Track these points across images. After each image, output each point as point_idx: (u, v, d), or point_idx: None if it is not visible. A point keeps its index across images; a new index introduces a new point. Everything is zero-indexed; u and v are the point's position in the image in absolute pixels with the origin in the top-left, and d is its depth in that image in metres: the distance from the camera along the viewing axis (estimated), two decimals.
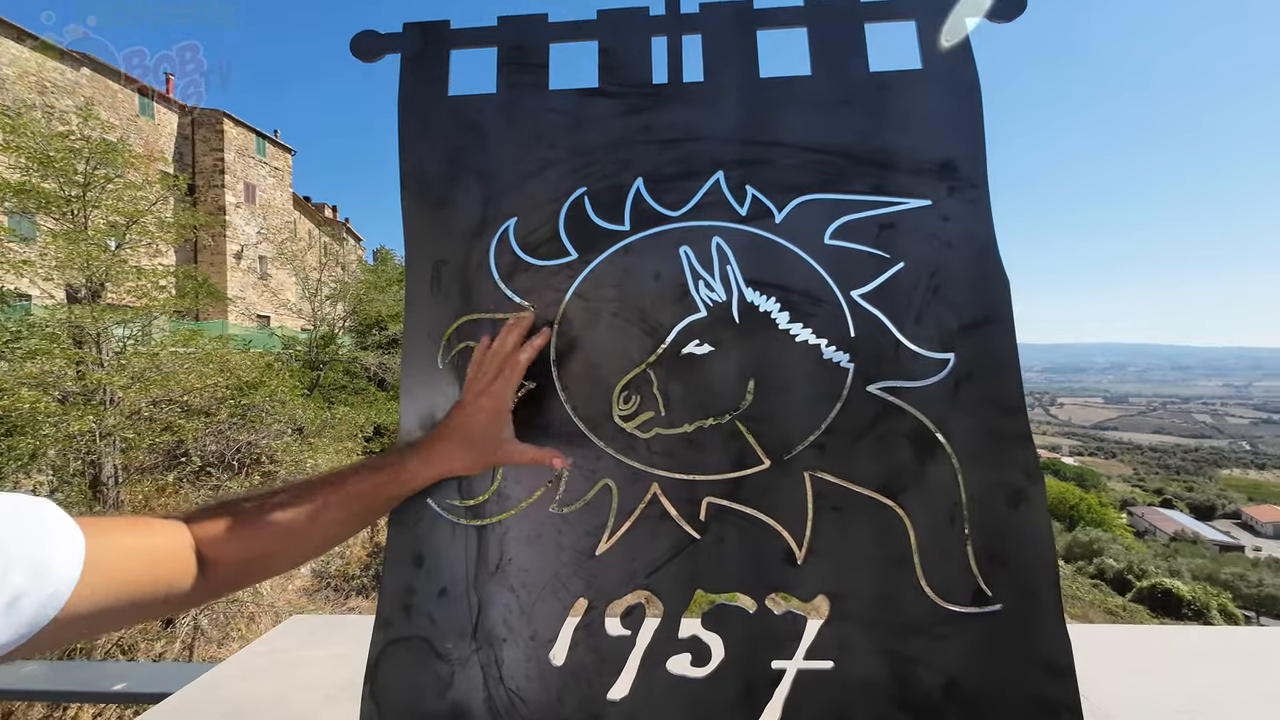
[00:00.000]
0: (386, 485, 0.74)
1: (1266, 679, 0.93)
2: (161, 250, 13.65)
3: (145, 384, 9.95)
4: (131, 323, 10.62)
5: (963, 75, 0.81)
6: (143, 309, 10.92)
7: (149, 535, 0.58)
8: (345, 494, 0.71)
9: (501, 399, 0.76)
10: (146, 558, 0.56)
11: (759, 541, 0.79)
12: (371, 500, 0.73)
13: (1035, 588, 0.76)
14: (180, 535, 0.61)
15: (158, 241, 12.12)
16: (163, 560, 0.58)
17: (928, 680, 0.76)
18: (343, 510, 0.71)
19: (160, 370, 10.28)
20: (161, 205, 12.50)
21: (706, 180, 0.82)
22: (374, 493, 0.73)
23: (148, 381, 10.01)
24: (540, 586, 0.81)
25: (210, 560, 0.62)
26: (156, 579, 0.56)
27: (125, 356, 10.15)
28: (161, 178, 13.91)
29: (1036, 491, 0.77)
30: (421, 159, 0.87)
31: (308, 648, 1.17)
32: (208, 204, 22.82)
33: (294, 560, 0.70)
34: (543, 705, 0.79)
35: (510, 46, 0.87)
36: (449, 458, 0.76)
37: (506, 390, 0.77)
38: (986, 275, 0.79)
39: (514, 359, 0.77)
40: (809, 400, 0.79)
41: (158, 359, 10.36)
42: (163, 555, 0.58)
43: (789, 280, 0.80)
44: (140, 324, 10.93)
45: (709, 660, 0.79)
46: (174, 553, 0.59)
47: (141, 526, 0.59)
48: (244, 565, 0.65)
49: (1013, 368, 0.78)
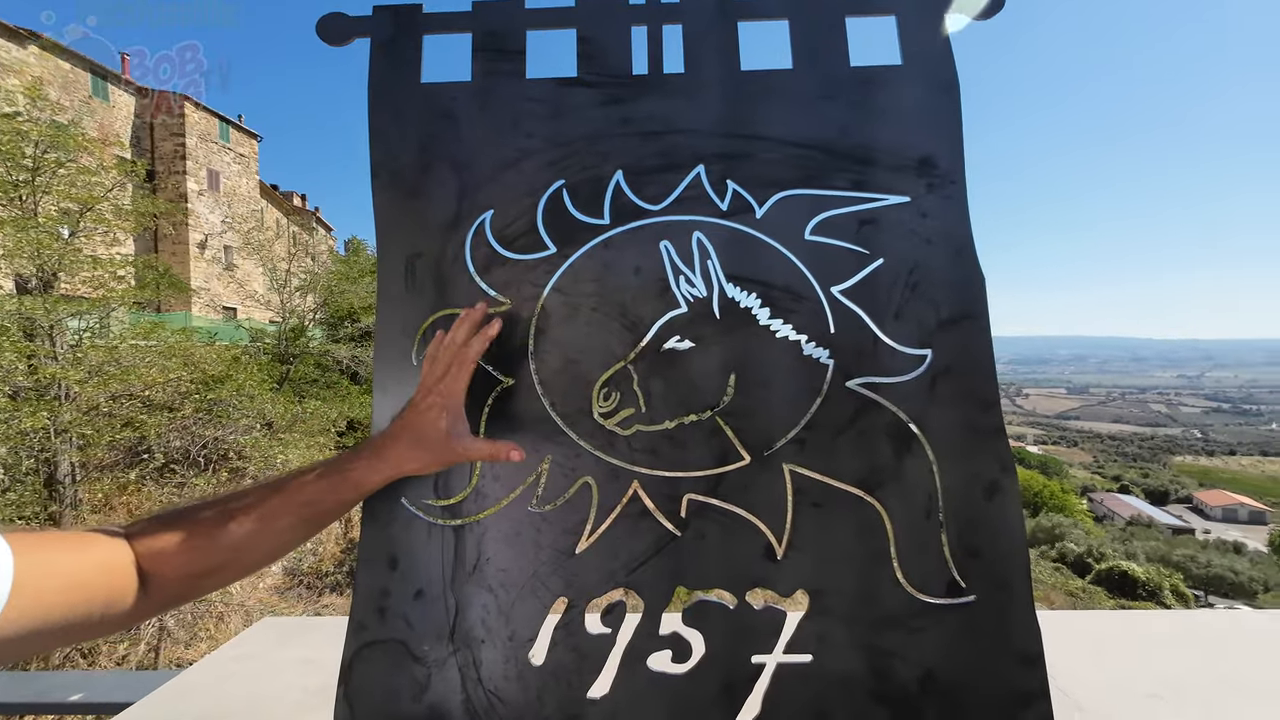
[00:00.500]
0: (335, 490, 0.71)
1: (1225, 662, 0.98)
2: (119, 239, 13.06)
3: (104, 378, 9.55)
4: (88, 314, 10.17)
5: (942, 72, 0.81)
6: (100, 300, 10.47)
7: (85, 552, 0.55)
8: (293, 501, 0.68)
9: (453, 395, 0.74)
10: (81, 576, 0.53)
11: (739, 537, 0.79)
12: (321, 506, 0.70)
13: (1008, 578, 0.78)
14: (119, 551, 0.57)
15: (115, 230, 11.60)
16: (99, 578, 0.54)
17: (904, 673, 0.77)
18: (291, 517, 0.68)
19: (120, 364, 9.88)
20: (119, 192, 11.97)
21: (687, 174, 0.81)
22: (323, 498, 0.70)
23: (106, 376, 9.61)
24: (519, 586, 0.80)
25: (153, 575, 0.59)
26: (91, 598, 0.53)
27: (81, 350, 9.72)
28: (118, 163, 13.29)
29: (1010, 483, 0.79)
30: (393, 148, 0.84)
31: (279, 651, 1.14)
32: (168, 191, 21.92)
33: (243, 571, 0.67)
34: (522, 706, 0.79)
35: (486, 32, 0.85)
36: (400, 458, 0.73)
37: (458, 386, 0.74)
38: (964, 272, 0.79)
39: (464, 353, 0.75)
40: (789, 396, 0.79)
41: (117, 352, 9.96)
42: (99, 573, 0.55)
43: (769, 276, 0.80)
44: (97, 316, 10.47)
45: (690, 656, 0.79)
46: (112, 570, 0.56)
47: (77, 542, 0.55)
48: (189, 580, 0.62)
49: (988, 363, 0.79)
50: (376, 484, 0.73)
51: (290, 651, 1.14)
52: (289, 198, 30.69)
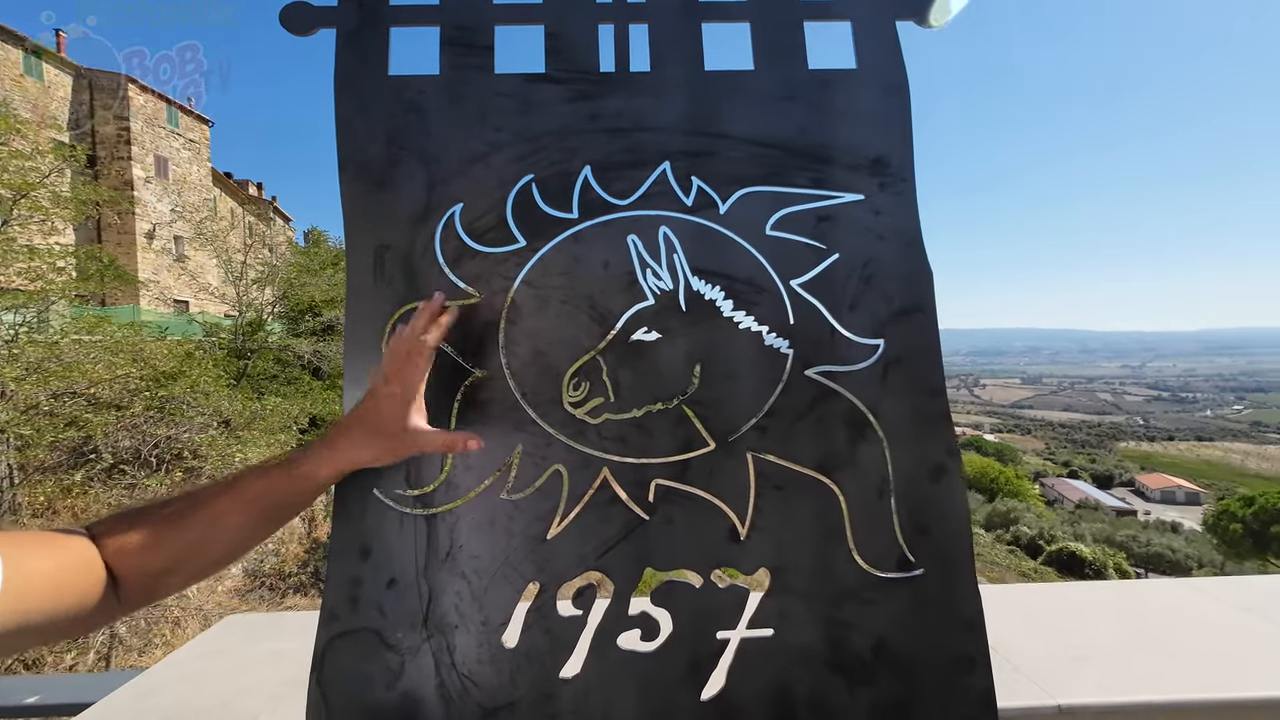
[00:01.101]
0: (287, 485, 0.69)
1: (1143, 624, 1.07)
2: (58, 228, 12.36)
3: (44, 375, 9.04)
4: (24, 308, 9.60)
5: (894, 76, 0.86)
6: (38, 293, 9.88)
7: (61, 551, 0.55)
8: (245, 498, 0.67)
9: (409, 385, 0.73)
10: (59, 576, 0.53)
11: (705, 520, 0.82)
12: (274, 502, 0.69)
13: (953, 553, 0.84)
14: (85, 551, 0.57)
15: (53, 218, 10.96)
16: (75, 578, 0.54)
17: (858, 643, 0.82)
18: (245, 516, 0.67)
19: (61, 360, 9.36)
20: (56, 178, 11.29)
21: (654, 170, 0.84)
22: (275, 493, 0.69)
23: (46, 373, 9.10)
24: (492, 572, 0.82)
25: (119, 575, 0.59)
26: (68, 598, 0.53)
27: (18, 345, 9.18)
28: (55, 147, 12.53)
29: (955, 465, 0.84)
30: (360, 140, 0.84)
31: (247, 646, 1.13)
32: (112, 178, 20.76)
33: (202, 571, 0.66)
34: (496, 688, 0.81)
35: (453, 26, 0.85)
36: (355, 450, 0.72)
37: (414, 376, 0.74)
38: (913, 267, 0.84)
39: (420, 343, 0.74)
40: (752, 385, 0.83)
41: (58, 348, 9.43)
42: (75, 573, 0.54)
43: (733, 270, 0.83)
44: (35, 309, 9.89)
45: (658, 635, 0.82)
46: (86, 569, 0.56)
47: (52, 542, 0.55)
48: (152, 578, 0.61)
49: (935, 353, 0.84)
50: (330, 477, 0.73)
51: (258, 647, 1.13)
52: (244, 186, 29.42)
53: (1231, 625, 1.09)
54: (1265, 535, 27.86)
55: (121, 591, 0.59)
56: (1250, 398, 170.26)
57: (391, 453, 0.75)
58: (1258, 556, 26.57)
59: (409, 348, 0.74)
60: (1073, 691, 0.89)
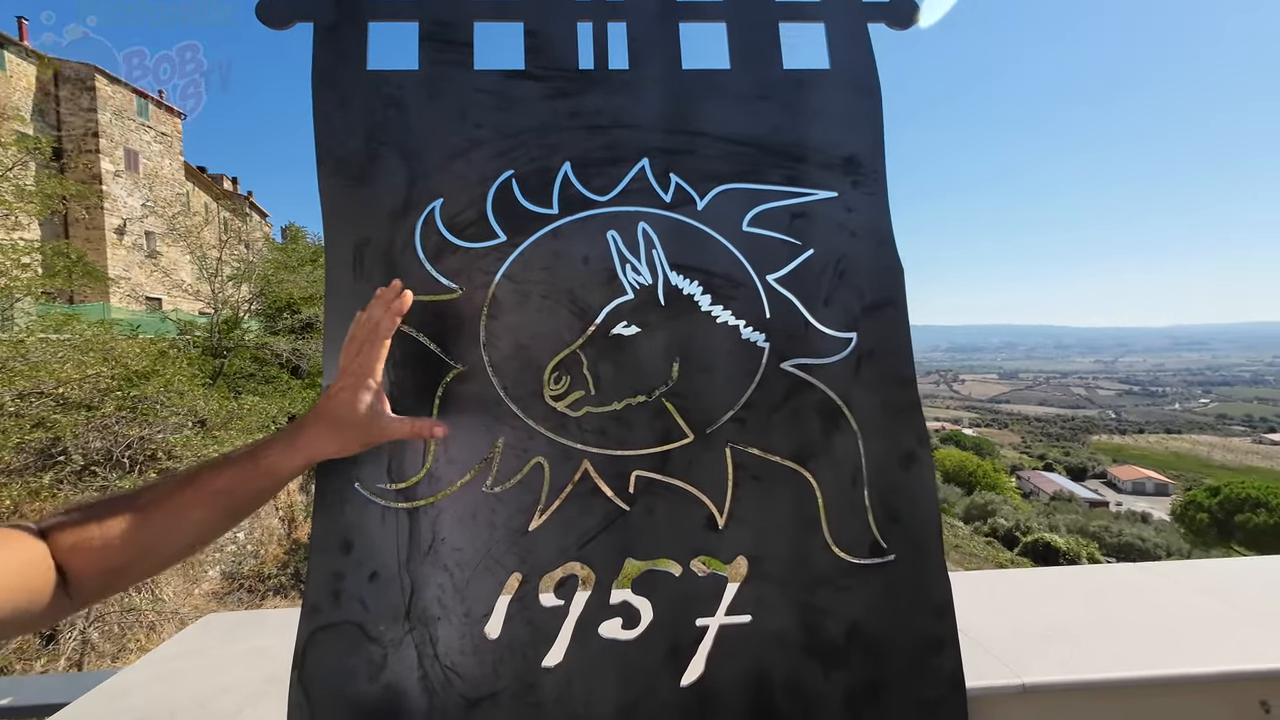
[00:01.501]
0: (248, 478, 0.68)
1: (1105, 606, 1.12)
2: (22, 223, 11.95)
3: (9, 375, 8.76)
4: None
5: (866, 77, 0.88)
6: (1, 290, 9.57)
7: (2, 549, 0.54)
8: (205, 492, 0.66)
9: (366, 374, 0.72)
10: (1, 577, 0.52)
11: (684, 510, 0.84)
12: (235, 496, 0.68)
13: (923, 539, 0.86)
14: (34, 548, 0.56)
15: (17, 212, 10.60)
16: (18, 576, 0.54)
17: (833, 628, 0.85)
18: (206, 509, 0.66)
19: (28, 359, 9.07)
20: (20, 171, 10.93)
21: (632, 167, 0.85)
22: (236, 488, 0.67)
23: (11, 372, 8.81)
24: (474, 565, 0.82)
25: (71, 571, 0.58)
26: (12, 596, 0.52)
27: None
28: (18, 139, 12.11)
29: (925, 454, 0.87)
30: (339, 135, 0.84)
31: (226, 645, 1.12)
32: (79, 171, 20.12)
33: (160, 565, 0.66)
34: (479, 678, 0.82)
35: (432, 21, 0.85)
36: (317, 442, 0.71)
37: (371, 364, 0.73)
38: (885, 262, 0.87)
39: (374, 330, 0.73)
40: (729, 377, 0.85)
41: (23, 346, 9.14)
42: (18, 570, 0.54)
43: (710, 265, 0.85)
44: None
45: (639, 623, 0.84)
46: (29, 566, 0.55)
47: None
48: (108, 574, 0.61)
49: (906, 345, 0.87)
50: (295, 470, 0.71)
51: (237, 645, 1.12)
52: (218, 181, 28.74)
53: (1187, 606, 1.14)
54: (1229, 524, 28.84)
55: (73, 587, 0.58)
56: (1216, 391, 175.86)
57: (356, 442, 0.74)
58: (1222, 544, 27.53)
59: (364, 335, 0.73)
60: (1037, 670, 0.93)
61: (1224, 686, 0.95)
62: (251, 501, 0.69)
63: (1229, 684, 0.94)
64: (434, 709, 0.80)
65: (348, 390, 0.72)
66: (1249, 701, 0.95)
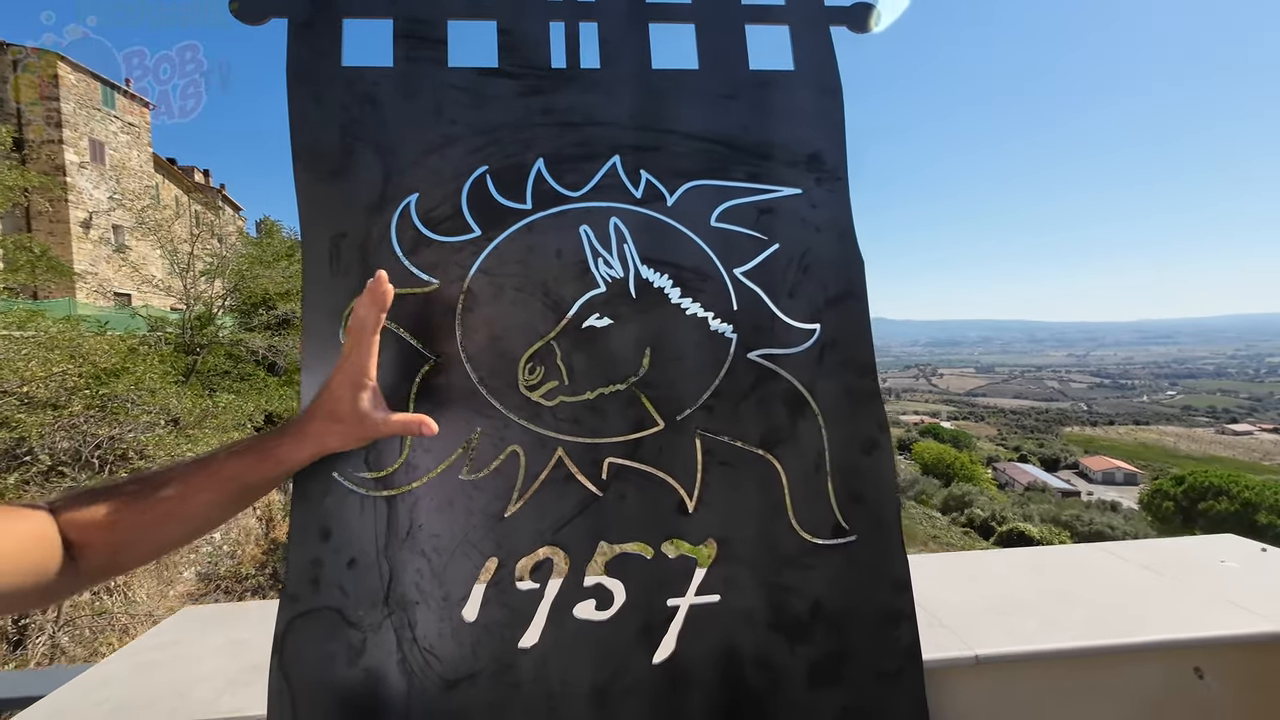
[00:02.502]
0: (259, 468, 0.72)
1: (1055, 581, 1.18)
2: None
3: None
4: None
5: (828, 79, 0.92)
6: None
7: (11, 525, 0.56)
8: (218, 477, 0.69)
9: (358, 371, 0.74)
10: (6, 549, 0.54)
11: (655, 495, 0.87)
12: (245, 483, 0.71)
13: (883, 520, 0.91)
14: (44, 523, 0.59)
15: None
16: (27, 553, 0.56)
17: (798, 605, 0.89)
18: (216, 494, 0.69)
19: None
20: None
21: (604, 163, 0.88)
22: (247, 475, 0.71)
23: None
24: (451, 550, 0.85)
25: (79, 547, 0.61)
26: (20, 571, 0.55)
27: None
28: None
29: (885, 440, 0.92)
30: (314, 131, 0.85)
31: (203, 638, 1.13)
32: (42, 162, 19.43)
33: (169, 544, 0.69)
34: (457, 660, 0.84)
35: (407, 18, 0.87)
36: (322, 435, 0.75)
37: (361, 360, 0.74)
38: (846, 256, 0.91)
39: (360, 326, 0.75)
40: (698, 367, 0.88)
41: None
42: (26, 546, 0.56)
43: (680, 259, 0.88)
44: None
45: (612, 604, 0.87)
46: (38, 541, 0.57)
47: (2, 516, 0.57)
48: (116, 549, 0.64)
49: (867, 336, 0.91)
50: (301, 461, 0.75)
51: (215, 637, 1.13)
52: (189, 173, 27.97)
53: (1131, 580, 1.21)
54: (1193, 511, 29.88)
55: (81, 563, 0.61)
56: (1182, 384, 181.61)
57: (355, 437, 0.77)
58: (1187, 531, 28.52)
59: (354, 332, 0.76)
60: (988, 643, 0.98)
61: (1161, 654, 1.01)
62: (259, 488, 0.73)
63: (1165, 652, 1.01)
64: (413, 690, 0.83)
65: (343, 387, 0.74)
66: (1184, 668, 1.02)
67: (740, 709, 0.87)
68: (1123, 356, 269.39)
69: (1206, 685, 1.02)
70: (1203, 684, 1.02)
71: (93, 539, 0.61)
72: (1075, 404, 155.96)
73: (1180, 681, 1.02)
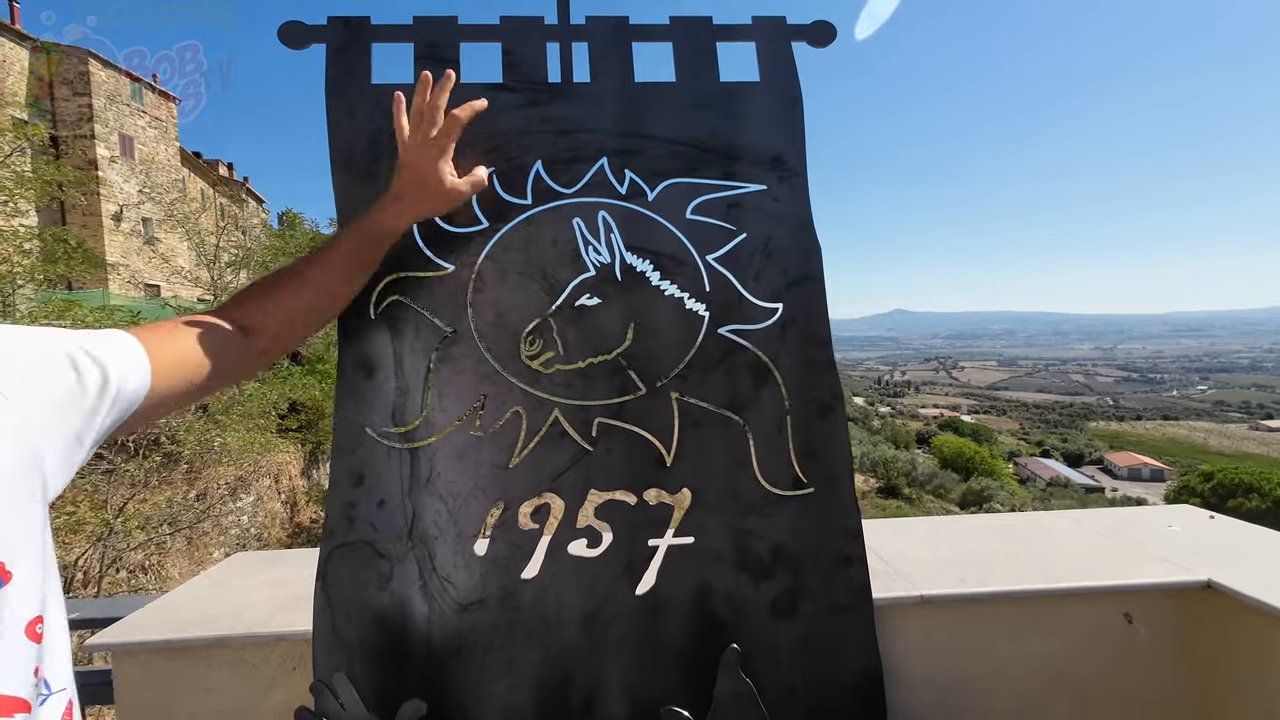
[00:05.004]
0: (373, 235, 0.89)
1: (1010, 542, 1.30)
2: (21, 209, 12.02)
3: None
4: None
5: (789, 89, 1.04)
6: (5, 277, 9.69)
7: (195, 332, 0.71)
8: (341, 252, 0.87)
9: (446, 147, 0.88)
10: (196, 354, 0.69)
11: (638, 450, 1.02)
12: (364, 253, 0.89)
13: (836, 474, 1.04)
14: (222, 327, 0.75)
15: (16, 199, 10.68)
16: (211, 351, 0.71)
17: (760, 547, 1.03)
18: (344, 267, 0.87)
19: None
20: (17, 157, 10.99)
21: (593, 165, 1.02)
22: (364, 245, 0.88)
23: None
24: (464, 495, 1.00)
25: (253, 329, 0.78)
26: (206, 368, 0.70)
27: None
28: (14, 125, 12.13)
29: (839, 405, 1.05)
30: (348, 141, 1.00)
31: (252, 575, 1.30)
32: (75, 157, 20.04)
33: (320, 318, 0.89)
34: (469, 587, 1.00)
35: (425, 43, 1.01)
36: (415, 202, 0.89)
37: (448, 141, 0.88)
38: (805, 244, 1.04)
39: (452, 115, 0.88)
40: (675, 341, 1.02)
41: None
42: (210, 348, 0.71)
43: (659, 246, 1.02)
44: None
45: (601, 543, 1.02)
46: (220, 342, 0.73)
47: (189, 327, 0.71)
48: (282, 325, 0.82)
49: (823, 314, 1.04)
50: (402, 227, 0.91)
51: (262, 575, 1.31)
52: (214, 166, 28.63)
53: (1081, 541, 1.33)
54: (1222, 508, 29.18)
55: (259, 340, 0.79)
56: (1214, 378, 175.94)
57: (443, 201, 0.91)
58: None
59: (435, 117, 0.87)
60: (935, 586, 1.11)
61: (1092, 599, 1.13)
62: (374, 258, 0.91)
63: (1096, 597, 1.13)
64: (433, 612, 0.99)
65: (426, 158, 0.88)
66: (1114, 613, 1.14)
67: (711, 635, 1.01)
68: (1152, 350, 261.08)
69: (1135, 630, 1.14)
70: (1131, 628, 1.14)
71: (263, 322, 0.79)
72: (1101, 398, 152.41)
73: (1111, 625, 1.14)
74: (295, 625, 1.07)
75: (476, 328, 1.00)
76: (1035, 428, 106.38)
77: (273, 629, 1.07)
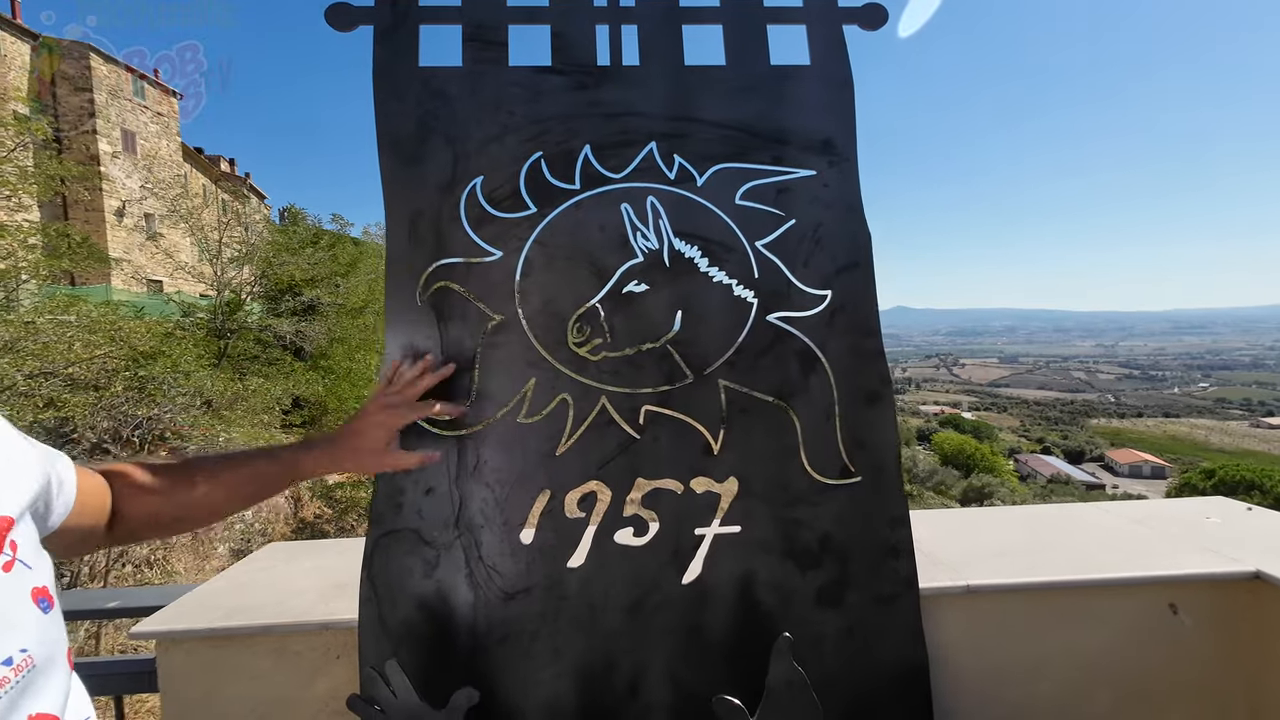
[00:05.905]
0: (285, 473, 0.85)
1: (1049, 533, 1.30)
2: (24, 204, 11.99)
3: (18, 355, 8.90)
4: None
5: (840, 72, 1.03)
6: (9, 272, 9.67)
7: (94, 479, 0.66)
8: (246, 474, 0.81)
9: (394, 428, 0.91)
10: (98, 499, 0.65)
11: (685, 439, 1.01)
12: (268, 484, 0.84)
13: (884, 463, 1.03)
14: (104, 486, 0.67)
15: (19, 194, 10.66)
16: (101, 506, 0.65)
17: (808, 536, 1.02)
18: (245, 487, 0.81)
19: (37, 339, 9.21)
20: (20, 152, 10.95)
21: (642, 149, 1.00)
22: (271, 477, 0.84)
23: (21, 353, 8.95)
24: (511, 483, 1.00)
25: (119, 513, 0.68)
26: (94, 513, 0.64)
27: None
28: (16, 120, 12.09)
29: (888, 392, 1.04)
30: (395, 123, 0.99)
31: (292, 564, 1.30)
32: (77, 152, 20.01)
33: (193, 524, 0.80)
34: (515, 575, 0.99)
35: (473, 25, 1.00)
36: (341, 461, 0.90)
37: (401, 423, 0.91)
38: (855, 230, 1.03)
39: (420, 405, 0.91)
40: (723, 328, 1.01)
41: (34, 327, 9.27)
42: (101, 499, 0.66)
43: (708, 233, 1.01)
44: (3, 288, 9.67)
45: (647, 532, 1.01)
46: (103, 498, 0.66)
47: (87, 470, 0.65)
48: (147, 520, 0.72)
49: (872, 301, 1.03)
50: (318, 475, 0.92)
51: (302, 564, 1.30)
52: (215, 162, 28.58)
53: (1120, 533, 1.32)
54: None
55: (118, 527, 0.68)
56: (1216, 375, 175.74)
57: (370, 468, 0.93)
58: None
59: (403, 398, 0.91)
60: (979, 577, 1.11)
61: (1138, 590, 1.12)
62: (277, 489, 0.86)
63: (1142, 588, 1.12)
64: (478, 600, 0.98)
65: (379, 429, 0.90)
66: (1160, 604, 1.13)
67: (756, 624, 1.01)
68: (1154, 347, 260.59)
69: (1181, 620, 1.13)
70: (1177, 619, 1.13)
71: (132, 509, 0.69)
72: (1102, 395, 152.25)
73: (1156, 615, 1.13)
74: (339, 614, 1.06)
75: (524, 314, 0.99)
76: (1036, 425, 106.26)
77: (316, 617, 1.06)
